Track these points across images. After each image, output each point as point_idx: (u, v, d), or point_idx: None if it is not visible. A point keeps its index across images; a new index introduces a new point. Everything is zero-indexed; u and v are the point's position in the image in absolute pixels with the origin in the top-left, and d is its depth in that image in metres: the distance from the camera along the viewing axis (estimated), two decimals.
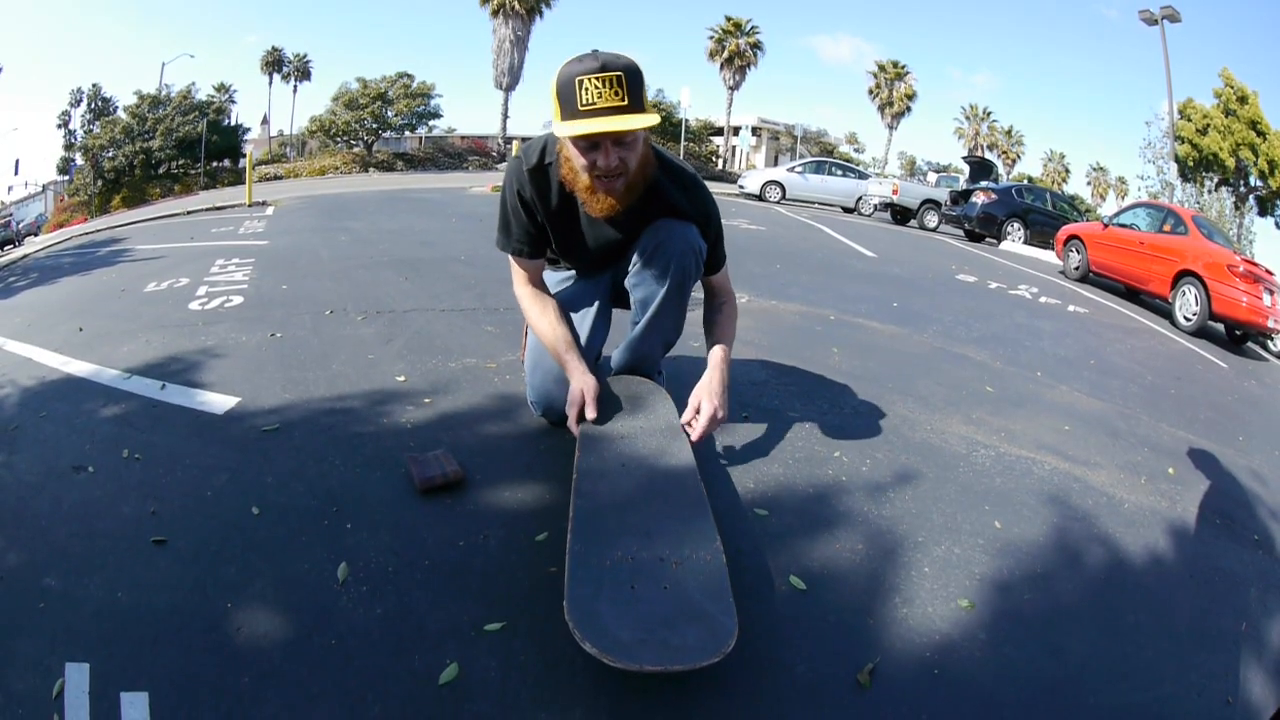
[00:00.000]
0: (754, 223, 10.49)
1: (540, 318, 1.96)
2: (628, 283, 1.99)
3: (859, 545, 1.77)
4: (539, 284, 2.04)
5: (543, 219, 1.92)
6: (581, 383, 1.86)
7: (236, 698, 1.23)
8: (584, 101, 1.60)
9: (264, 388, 2.49)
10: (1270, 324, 6.88)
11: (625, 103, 1.61)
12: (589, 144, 1.67)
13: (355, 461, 1.97)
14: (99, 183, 25.52)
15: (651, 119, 1.65)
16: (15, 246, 16.27)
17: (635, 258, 1.93)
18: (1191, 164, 20.57)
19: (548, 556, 1.59)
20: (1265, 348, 7.43)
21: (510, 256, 2.02)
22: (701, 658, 1.20)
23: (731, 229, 1.97)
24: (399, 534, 1.66)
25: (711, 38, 31.93)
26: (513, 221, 1.93)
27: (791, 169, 18.64)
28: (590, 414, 1.82)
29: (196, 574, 1.52)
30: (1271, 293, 6.96)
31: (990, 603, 1.64)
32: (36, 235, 20.12)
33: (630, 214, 1.86)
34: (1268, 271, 7.33)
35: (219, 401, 2.38)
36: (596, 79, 1.59)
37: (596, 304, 2.10)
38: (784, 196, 17.55)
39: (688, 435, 1.84)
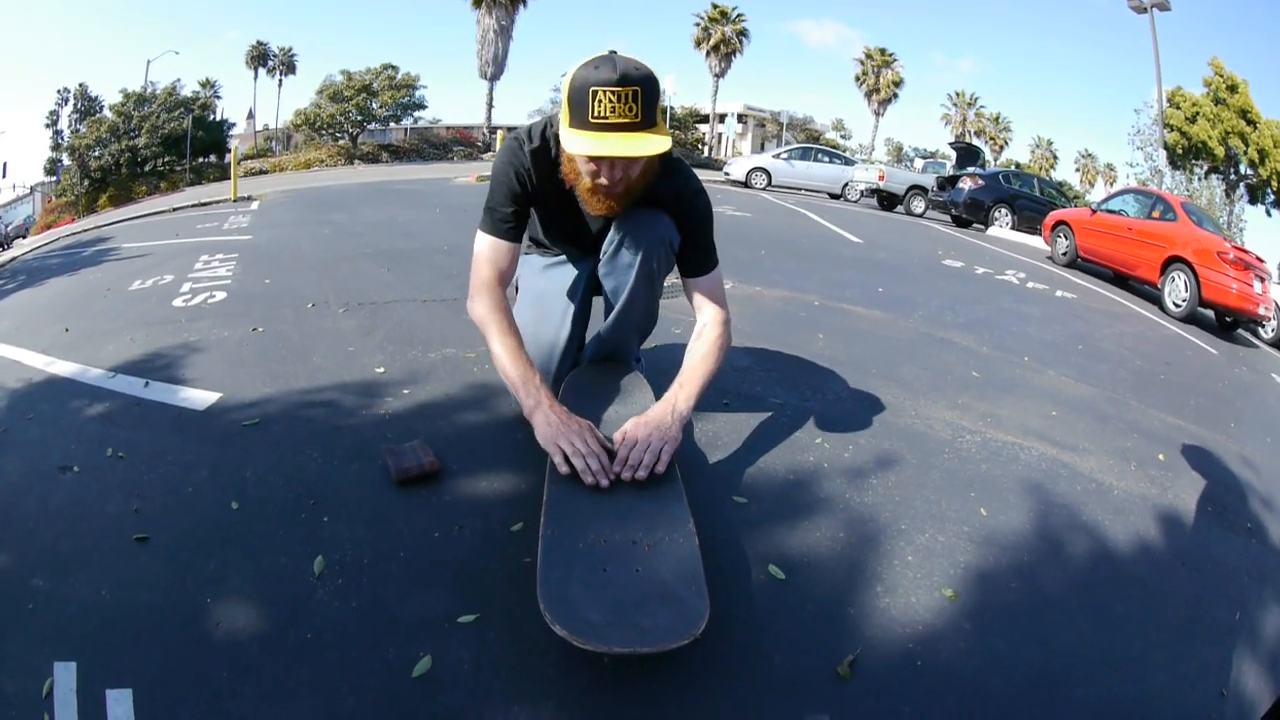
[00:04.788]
0: (739, 209, 10.44)
1: (503, 347, 1.76)
2: (600, 271, 1.97)
3: (840, 533, 1.76)
4: (507, 283, 1.85)
5: (537, 199, 1.85)
6: (574, 424, 1.67)
7: (215, 692, 1.23)
8: (595, 114, 1.54)
9: (245, 382, 2.47)
10: (1260, 311, 6.90)
11: (638, 119, 1.55)
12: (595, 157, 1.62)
13: (333, 454, 1.96)
14: (86, 182, 25.19)
15: (663, 143, 1.57)
16: (4, 250, 16.09)
17: (606, 246, 1.90)
18: (1181, 152, 20.59)
19: (522, 548, 1.58)
20: (1255, 335, 7.45)
21: (488, 242, 1.83)
22: (671, 639, 1.19)
23: (717, 215, 1.90)
24: (375, 526, 1.65)
25: (698, 25, 31.73)
26: (503, 203, 1.80)
27: (778, 155, 18.44)
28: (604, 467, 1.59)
29: (177, 570, 1.51)
30: (1261, 280, 6.98)
31: (975, 592, 1.62)
32: (25, 237, 19.95)
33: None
34: (1258, 259, 7.35)
35: (200, 397, 2.36)
36: (612, 93, 1.52)
37: (580, 294, 2.07)
38: (770, 183, 17.42)
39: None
